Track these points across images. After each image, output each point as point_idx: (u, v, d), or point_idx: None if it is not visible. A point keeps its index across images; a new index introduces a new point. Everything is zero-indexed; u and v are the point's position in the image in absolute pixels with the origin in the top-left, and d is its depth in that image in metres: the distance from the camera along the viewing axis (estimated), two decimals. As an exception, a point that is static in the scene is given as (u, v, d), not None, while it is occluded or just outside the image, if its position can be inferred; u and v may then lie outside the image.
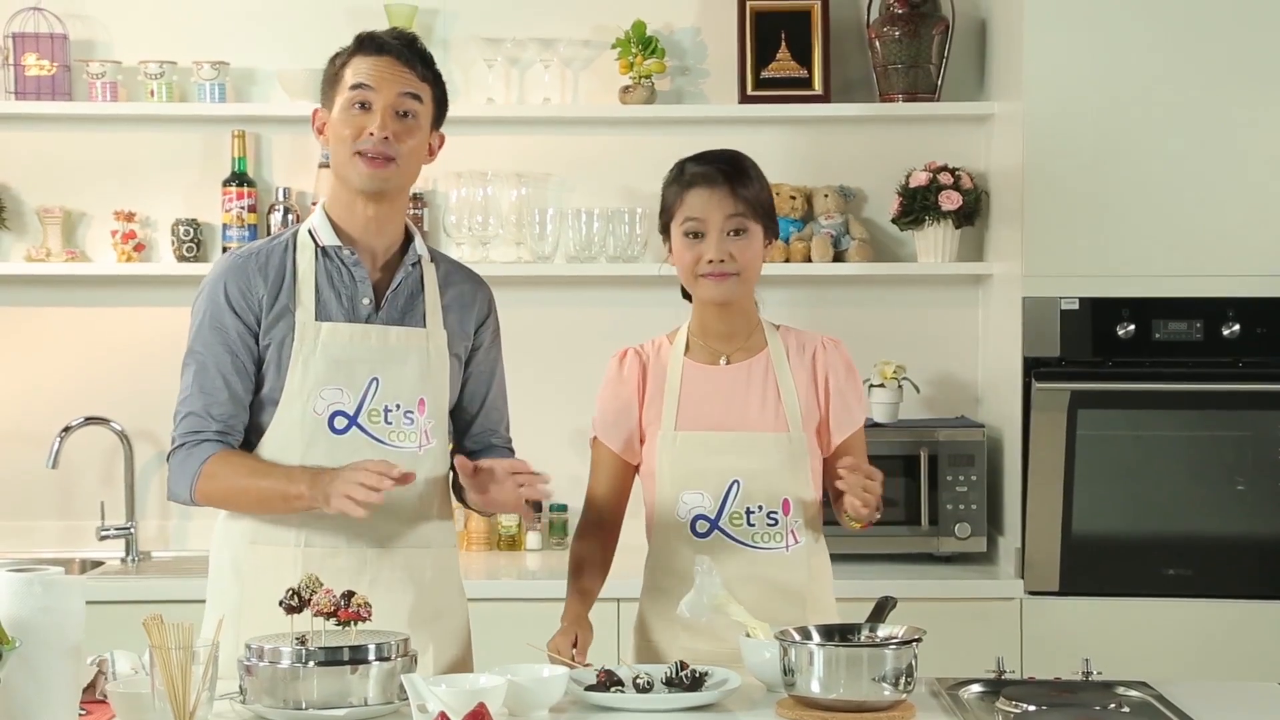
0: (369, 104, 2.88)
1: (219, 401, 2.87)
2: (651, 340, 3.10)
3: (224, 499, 2.90)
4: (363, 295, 2.92)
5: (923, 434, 4.35)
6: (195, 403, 2.88)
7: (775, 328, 3.08)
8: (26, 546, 4.55)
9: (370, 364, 2.90)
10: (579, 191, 4.67)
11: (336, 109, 2.90)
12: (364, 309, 2.92)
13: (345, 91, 2.88)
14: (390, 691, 2.55)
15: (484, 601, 4.03)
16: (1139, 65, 4.12)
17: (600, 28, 4.66)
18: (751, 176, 2.99)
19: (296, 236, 2.95)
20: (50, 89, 4.56)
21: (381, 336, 2.92)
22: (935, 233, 4.53)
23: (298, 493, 2.80)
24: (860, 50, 4.67)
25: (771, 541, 2.97)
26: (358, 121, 2.87)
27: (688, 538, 2.98)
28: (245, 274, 2.89)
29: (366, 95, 2.87)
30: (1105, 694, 2.74)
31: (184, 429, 2.89)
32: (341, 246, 2.91)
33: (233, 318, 2.88)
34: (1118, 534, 4.14)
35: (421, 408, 2.94)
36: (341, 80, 2.90)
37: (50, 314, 4.68)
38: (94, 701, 2.64)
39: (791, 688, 2.62)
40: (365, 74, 2.88)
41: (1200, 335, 4.13)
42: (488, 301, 3.11)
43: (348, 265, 2.92)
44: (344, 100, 2.88)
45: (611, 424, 3.06)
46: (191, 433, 2.87)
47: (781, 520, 2.97)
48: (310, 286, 2.89)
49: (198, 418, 2.87)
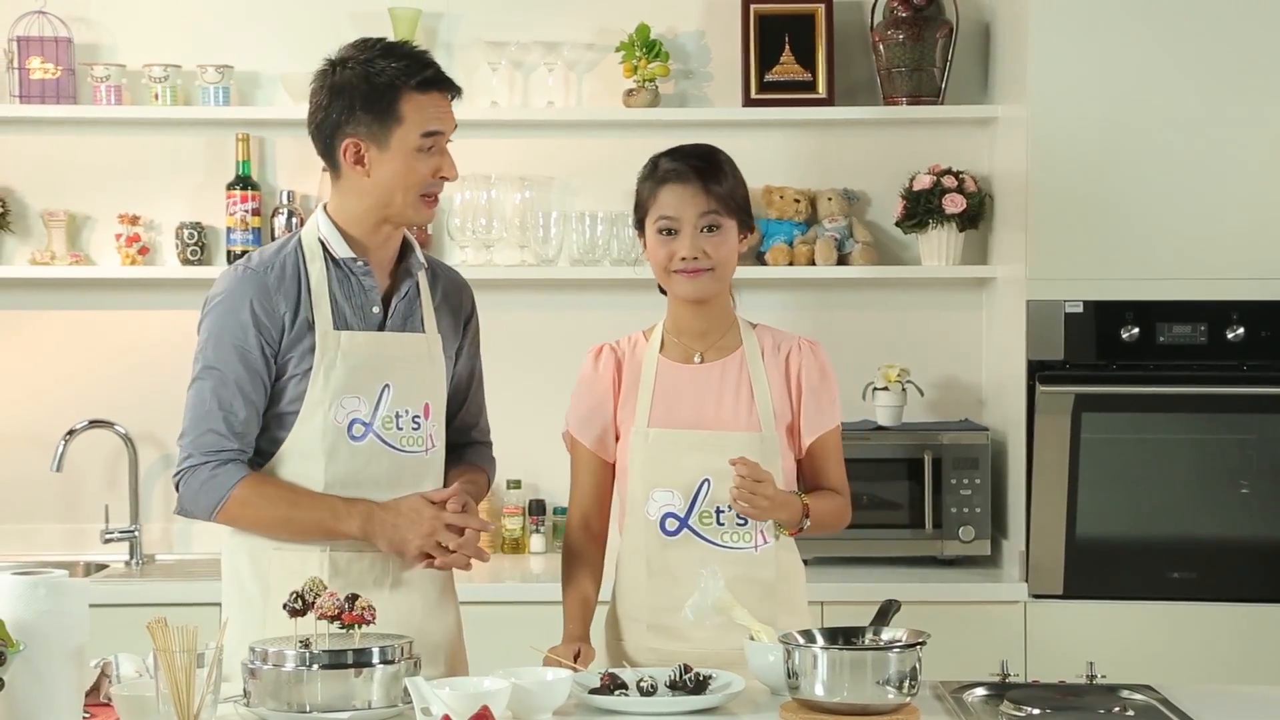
0: (438, 146, 2.89)
1: (240, 419, 2.86)
2: (628, 336, 3.11)
3: (254, 525, 2.89)
4: (372, 304, 2.93)
5: (927, 437, 4.35)
6: (215, 419, 2.85)
7: (752, 326, 3.08)
8: (31, 549, 4.55)
9: (383, 371, 2.91)
10: (583, 195, 4.67)
11: (401, 149, 2.85)
12: (375, 317, 2.93)
13: (414, 136, 2.85)
14: (394, 694, 2.55)
15: (487, 605, 4.05)
16: (1143, 68, 4.12)
17: (604, 31, 4.66)
18: (725, 172, 2.99)
19: (302, 245, 2.93)
20: (55, 92, 4.56)
21: (392, 344, 2.93)
22: (939, 236, 4.53)
23: (348, 531, 2.84)
24: (864, 53, 4.67)
25: (740, 541, 2.98)
26: (432, 164, 2.88)
27: (657, 535, 2.98)
28: (268, 292, 2.86)
29: (440, 141, 2.89)
30: (1109, 698, 2.74)
31: (204, 446, 2.85)
32: (355, 258, 2.91)
33: (256, 337, 2.85)
34: (1122, 537, 4.14)
35: (427, 412, 2.96)
36: (402, 118, 2.85)
37: (54, 317, 4.68)
38: (98, 704, 2.64)
39: (795, 691, 2.62)
40: (438, 118, 2.88)
41: (1204, 338, 4.13)
42: (470, 299, 3.13)
43: (358, 275, 2.92)
44: (417, 143, 2.85)
45: (585, 419, 3.08)
46: (214, 451, 2.85)
47: (751, 520, 2.97)
48: (325, 296, 2.89)
49: (218, 435, 2.85)
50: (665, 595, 2.97)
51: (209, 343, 2.88)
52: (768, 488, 2.89)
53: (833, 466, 3.07)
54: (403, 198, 2.88)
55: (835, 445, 3.07)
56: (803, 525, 2.97)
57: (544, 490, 4.62)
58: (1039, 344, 4.14)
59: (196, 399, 2.88)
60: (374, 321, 2.93)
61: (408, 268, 2.98)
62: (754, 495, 2.87)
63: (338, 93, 2.88)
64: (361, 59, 2.88)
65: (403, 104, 2.85)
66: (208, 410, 2.86)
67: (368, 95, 2.85)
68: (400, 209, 2.89)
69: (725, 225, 2.96)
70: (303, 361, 2.88)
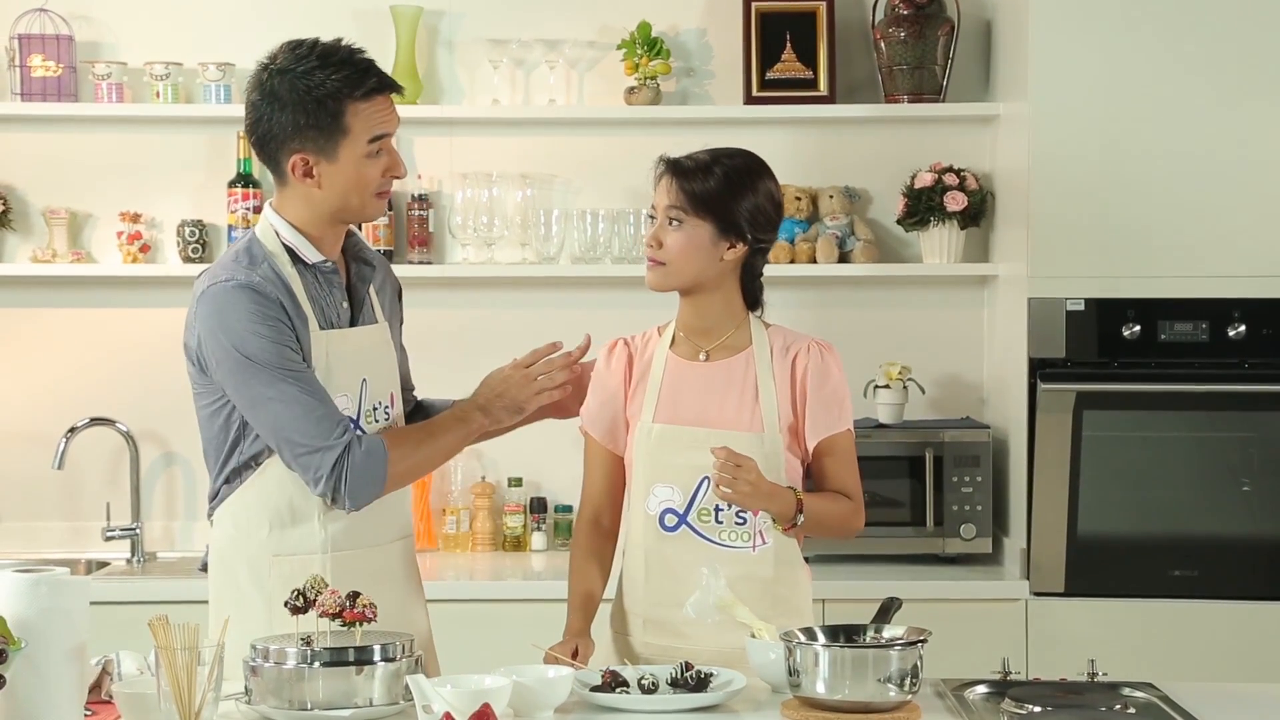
0: (385, 147, 2.89)
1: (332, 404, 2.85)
2: (644, 332, 3.12)
3: (418, 472, 2.99)
4: (340, 300, 2.95)
5: (928, 435, 4.35)
6: (329, 406, 2.82)
7: (766, 326, 3.07)
8: (32, 547, 4.55)
9: (361, 366, 2.94)
10: (584, 193, 4.67)
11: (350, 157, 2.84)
12: (345, 313, 2.95)
13: (362, 144, 2.84)
14: (395, 692, 2.56)
15: (489, 602, 4.06)
16: (1144, 66, 4.12)
17: (605, 29, 4.66)
18: (709, 174, 2.96)
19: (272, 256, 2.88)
20: (56, 90, 4.56)
21: (363, 337, 2.97)
22: (940, 234, 4.53)
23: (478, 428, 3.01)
24: (865, 51, 4.67)
25: (739, 540, 2.97)
26: (381, 164, 2.88)
27: (657, 531, 2.99)
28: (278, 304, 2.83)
29: (387, 142, 2.89)
30: (1111, 695, 2.74)
31: (333, 435, 2.80)
32: (325, 259, 2.92)
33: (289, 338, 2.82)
34: (1123, 535, 4.14)
35: (393, 400, 3.01)
36: (348, 130, 2.83)
37: (56, 315, 4.68)
38: (99, 702, 2.64)
39: (797, 689, 2.62)
40: (382, 122, 2.87)
41: (1206, 336, 4.13)
42: (391, 270, 3.16)
43: (325, 274, 2.93)
44: (365, 150, 2.84)
45: (596, 413, 3.09)
46: (344, 433, 2.82)
47: (750, 520, 2.97)
48: (305, 300, 2.89)
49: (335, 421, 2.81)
50: (662, 591, 2.98)
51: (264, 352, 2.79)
52: (749, 472, 2.87)
53: (842, 471, 3.03)
54: (357, 200, 2.89)
55: (844, 450, 3.04)
56: (796, 520, 2.95)
57: (545, 488, 4.62)
58: (1040, 342, 4.14)
59: (288, 406, 2.79)
60: (345, 318, 2.95)
61: (356, 258, 3.00)
62: (735, 480, 2.86)
63: (279, 105, 2.84)
64: (299, 70, 2.84)
65: (347, 116, 2.83)
66: (310, 406, 2.80)
67: (311, 109, 2.82)
68: (358, 210, 2.91)
69: (689, 223, 2.96)
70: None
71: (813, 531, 3.02)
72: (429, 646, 3.06)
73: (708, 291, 3.02)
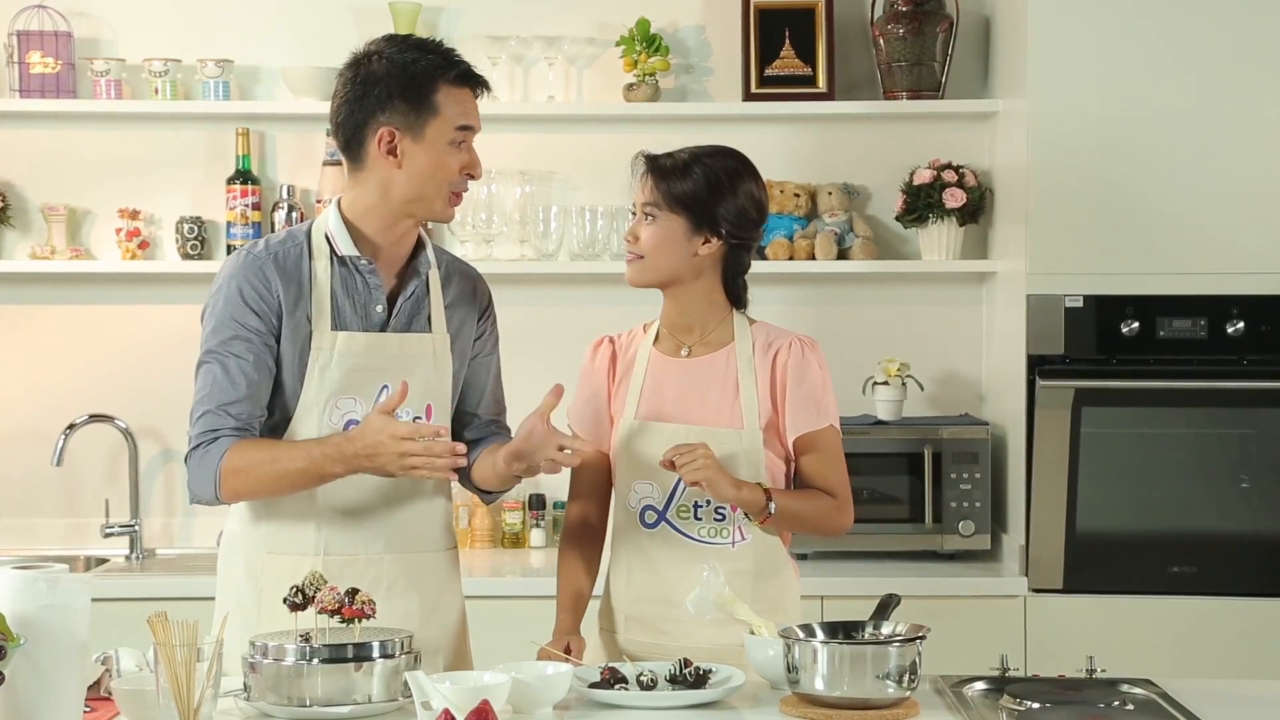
0: (468, 143, 2.89)
1: (236, 400, 2.84)
2: (629, 329, 3.12)
3: (253, 491, 2.86)
4: (376, 303, 2.91)
5: (927, 432, 4.35)
6: (210, 401, 2.84)
7: (750, 323, 3.06)
8: (31, 544, 4.55)
9: (381, 372, 2.90)
10: (583, 189, 4.67)
11: (436, 141, 2.85)
12: (377, 317, 2.91)
13: (449, 129, 2.85)
14: (394, 689, 2.56)
15: (487, 599, 4.05)
16: (1143, 63, 4.12)
17: (604, 25, 4.66)
18: (687, 173, 2.96)
19: (310, 239, 2.91)
20: (55, 87, 4.56)
21: (393, 345, 2.91)
22: (939, 230, 4.53)
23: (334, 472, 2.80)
24: (864, 48, 4.67)
25: (718, 536, 2.97)
26: (462, 159, 2.88)
27: (637, 527, 2.99)
28: (262, 273, 2.85)
29: (470, 137, 2.89)
30: (1109, 691, 2.74)
31: (199, 429, 2.85)
32: (360, 256, 2.90)
33: (252, 316, 2.84)
34: (1122, 531, 4.14)
35: (429, 414, 2.94)
36: (438, 110, 2.84)
37: (55, 312, 4.68)
38: (99, 699, 2.64)
39: (795, 685, 2.62)
40: (468, 113, 2.88)
41: (1204, 333, 4.13)
42: (486, 293, 3.12)
43: (363, 274, 2.91)
44: (451, 136, 2.85)
45: (581, 410, 3.09)
46: (207, 431, 2.84)
47: (729, 516, 2.96)
48: (327, 295, 2.88)
49: (213, 416, 2.84)
50: (644, 587, 2.98)
51: (208, 329, 2.88)
52: (705, 451, 2.84)
53: (824, 469, 3.00)
54: (434, 190, 2.87)
55: (827, 446, 3.01)
56: (769, 510, 2.90)
57: (544, 485, 4.62)
58: (1039, 338, 4.15)
59: (197, 387, 2.88)
60: (376, 321, 2.91)
61: (416, 267, 2.96)
62: (692, 459, 2.82)
63: (371, 83, 2.85)
64: (394, 52, 2.87)
65: (439, 96, 2.85)
66: (205, 394, 2.86)
67: (405, 85, 2.84)
68: (429, 203, 2.88)
69: (662, 218, 2.96)
70: (300, 357, 2.87)
71: (792, 527, 3.01)
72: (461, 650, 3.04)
73: (687, 286, 3.01)
